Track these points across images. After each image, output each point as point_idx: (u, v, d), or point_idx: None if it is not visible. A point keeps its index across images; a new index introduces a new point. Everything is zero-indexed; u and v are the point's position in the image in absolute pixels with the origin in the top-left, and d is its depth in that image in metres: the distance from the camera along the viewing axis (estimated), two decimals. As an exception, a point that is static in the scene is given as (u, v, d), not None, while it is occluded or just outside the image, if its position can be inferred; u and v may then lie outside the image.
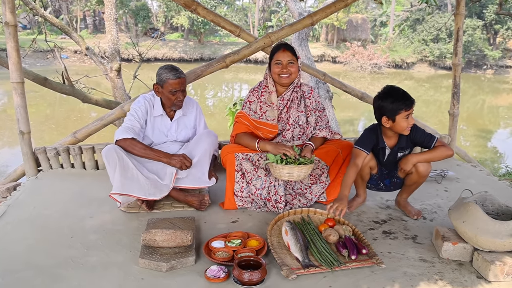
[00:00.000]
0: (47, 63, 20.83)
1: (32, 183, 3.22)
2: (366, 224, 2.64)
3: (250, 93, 2.87)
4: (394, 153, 2.70)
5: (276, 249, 2.22)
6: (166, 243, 2.13)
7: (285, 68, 2.69)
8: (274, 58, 2.71)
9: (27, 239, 2.35)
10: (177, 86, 2.70)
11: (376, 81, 25.04)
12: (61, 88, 5.56)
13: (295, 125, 2.84)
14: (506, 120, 16.42)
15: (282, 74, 2.70)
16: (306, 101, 2.89)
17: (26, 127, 3.27)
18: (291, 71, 2.70)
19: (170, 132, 2.92)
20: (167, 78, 2.68)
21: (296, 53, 2.74)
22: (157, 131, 2.89)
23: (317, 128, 2.91)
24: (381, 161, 2.75)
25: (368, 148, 2.64)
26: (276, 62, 2.70)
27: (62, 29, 6.44)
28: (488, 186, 3.31)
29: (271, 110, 2.79)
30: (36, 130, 11.09)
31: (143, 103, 2.82)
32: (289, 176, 2.53)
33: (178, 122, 2.93)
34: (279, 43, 2.79)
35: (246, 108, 2.84)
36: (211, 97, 19.65)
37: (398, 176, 2.77)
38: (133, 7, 30.25)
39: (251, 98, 2.85)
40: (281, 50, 2.69)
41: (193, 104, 3.02)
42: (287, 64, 2.69)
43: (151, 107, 2.85)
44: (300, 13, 7.21)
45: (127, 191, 2.54)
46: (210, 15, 3.46)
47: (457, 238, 2.24)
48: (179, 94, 2.73)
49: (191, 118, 2.99)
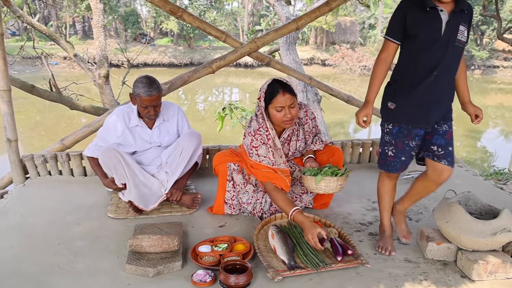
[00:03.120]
0: (36, 69, 20.73)
1: (20, 190, 3.21)
2: (352, 226, 2.67)
3: (251, 138, 2.54)
4: (455, 23, 1.98)
5: (263, 253, 2.24)
6: (153, 248, 2.14)
7: (289, 113, 2.45)
8: (274, 103, 2.44)
9: (14, 247, 2.34)
10: (148, 102, 2.68)
11: (366, 83, 24.65)
12: (48, 95, 5.54)
13: (296, 153, 2.79)
14: (495, 120, 16.60)
15: (286, 121, 2.47)
16: (305, 127, 2.75)
17: (13, 135, 3.26)
18: (293, 115, 2.48)
19: (153, 138, 2.92)
20: (139, 93, 2.67)
21: (293, 91, 2.51)
22: (139, 139, 2.89)
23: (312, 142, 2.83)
24: (434, 50, 2.00)
25: (397, 34, 2.05)
26: (277, 109, 2.45)
27: (50, 37, 6.43)
28: (473, 186, 3.34)
29: (277, 153, 2.58)
30: (26, 137, 11.02)
31: (114, 120, 2.84)
32: (326, 188, 2.46)
33: (160, 129, 2.93)
34: (273, 81, 2.50)
35: (254, 155, 2.52)
36: (201, 102, 19.65)
37: None
38: (122, 12, 30.19)
39: (255, 143, 2.53)
40: (281, 94, 2.42)
41: (173, 109, 2.99)
42: (289, 107, 2.45)
43: (127, 119, 2.85)
44: (287, 17, 7.24)
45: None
46: (196, 22, 3.48)
47: (441, 238, 2.26)
48: (150, 109, 2.73)
49: (173, 124, 2.97)
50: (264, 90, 2.50)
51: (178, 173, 2.80)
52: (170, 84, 3.56)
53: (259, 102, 2.54)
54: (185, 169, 2.86)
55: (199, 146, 2.90)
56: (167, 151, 2.89)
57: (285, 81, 2.51)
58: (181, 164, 2.80)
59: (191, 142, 2.83)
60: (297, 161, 2.86)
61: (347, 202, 3.03)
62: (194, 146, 2.84)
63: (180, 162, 2.81)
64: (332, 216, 2.80)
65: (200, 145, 2.92)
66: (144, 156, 2.92)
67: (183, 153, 2.81)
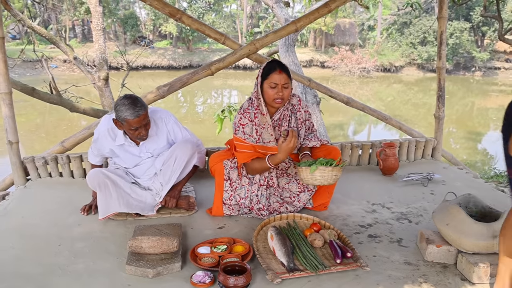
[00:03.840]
0: (37, 72, 20.78)
1: (21, 192, 3.23)
2: (352, 228, 2.67)
3: (240, 116, 2.64)
4: None
5: (262, 254, 2.24)
6: (153, 249, 2.14)
7: (281, 91, 2.53)
8: (269, 79, 2.53)
9: (15, 248, 2.36)
10: (137, 124, 2.50)
11: (365, 85, 25.21)
12: (48, 98, 5.55)
13: None
14: (495, 122, 16.60)
15: (277, 99, 2.55)
16: (297, 115, 2.79)
17: (14, 137, 3.28)
18: (285, 95, 2.56)
19: (143, 152, 2.79)
20: (125, 117, 2.46)
21: (290, 74, 2.60)
22: (128, 155, 2.78)
23: (306, 137, 2.85)
24: None
25: None
26: (271, 85, 2.53)
27: (50, 40, 6.47)
28: (474, 188, 3.33)
29: (266, 132, 2.64)
30: (27, 139, 11.04)
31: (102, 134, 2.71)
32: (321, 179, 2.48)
33: (147, 145, 2.78)
34: (273, 60, 2.61)
35: (240, 132, 2.63)
36: (200, 104, 19.67)
37: None
38: (121, 15, 30.29)
39: (243, 121, 2.62)
40: (277, 72, 2.52)
41: (162, 121, 2.77)
42: (282, 87, 2.53)
43: (113, 136, 2.70)
44: (286, 19, 7.27)
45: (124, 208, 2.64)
46: (195, 24, 3.49)
47: (441, 240, 2.25)
48: (141, 130, 2.55)
49: (162, 137, 2.78)
50: (263, 67, 2.60)
51: (171, 182, 2.74)
52: (169, 86, 3.56)
53: (256, 81, 2.63)
54: (180, 177, 2.80)
55: (193, 155, 2.76)
56: (161, 158, 2.78)
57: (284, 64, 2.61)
58: (174, 173, 2.72)
59: (184, 152, 2.70)
60: (293, 157, 2.86)
61: (346, 204, 3.03)
62: (188, 156, 2.72)
63: (173, 172, 2.72)
64: (331, 218, 2.80)
65: (195, 152, 2.77)
66: (137, 168, 2.84)
67: (176, 163, 2.70)
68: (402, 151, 4.00)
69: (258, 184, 2.75)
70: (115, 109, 2.51)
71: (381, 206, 3.01)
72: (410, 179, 3.51)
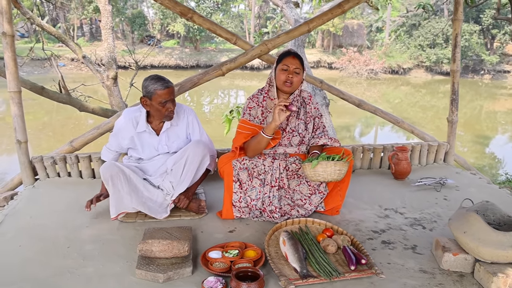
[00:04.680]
0: (45, 71, 20.84)
1: (29, 192, 3.20)
2: (365, 233, 2.62)
3: (249, 100, 2.78)
4: None
5: (274, 260, 2.20)
6: (163, 253, 2.11)
7: (291, 74, 2.59)
8: (282, 62, 2.61)
9: (24, 250, 2.33)
10: (166, 96, 2.55)
11: (373, 87, 25.09)
12: (57, 97, 5.54)
13: (293, 132, 2.78)
14: (504, 126, 16.47)
15: (287, 81, 2.60)
16: (307, 108, 2.83)
17: (23, 136, 3.26)
18: (294, 80, 2.61)
19: (161, 145, 2.79)
20: (155, 89, 2.53)
21: (303, 63, 2.67)
22: (146, 146, 2.78)
23: (316, 135, 2.82)
24: None
25: None
26: (283, 68, 2.60)
27: (59, 38, 6.45)
28: (488, 194, 3.28)
29: (271, 116, 2.68)
30: (34, 138, 11.08)
31: (123, 123, 2.73)
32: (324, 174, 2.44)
33: (168, 134, 2.78)
34: (289, 50, 2.69)
35: (247, 115, 2.74)
36: (207, 104, 19.67)
37: None
38: (129, 14, 30.35)
39: (251, 104, 2.75)
40: (291, 57, 2.61)
41: (184, 112, 2.83)
42: (293, 71, 2.60)
43: (135, 124, 2.72)
44: (296, 19, 7.22)
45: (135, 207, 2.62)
46: (206, 23, 3.45)
47: (457, 248, 2.19)
48: (169, 105, 2.59)
49: (182, 128, 2.82)
50: (279, 52, 2.70)
51: (185, 184, 2.71)
52: (179, 87, 3.52)
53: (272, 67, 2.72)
54: (194, 179, 2.77)
55: (206, 156, 2.72)
56: (173, 158, 2.74)
57: None
58: (187, 174, 2.69)
59: (197, 152, 2.67)
60: (303, 157, 2.82)
61: (359, 209, 2.98)
62: (201, 156, 2.68)
63: (186, 173, 2.69)
64: (343, 223, 2.76)
65: (207, 154, 2.73)
66: (150, 164, 2.81)
67: (188, 163, 2.67)
68: (414, 155, 3.94)
69: (270, 186, 2.72)
70: (144, 86, 2.59)
71: (394, 211, 2.96)
72: (423, 184, 3.46)
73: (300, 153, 2.82)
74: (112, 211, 2.60)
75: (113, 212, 2.60)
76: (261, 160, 2.72)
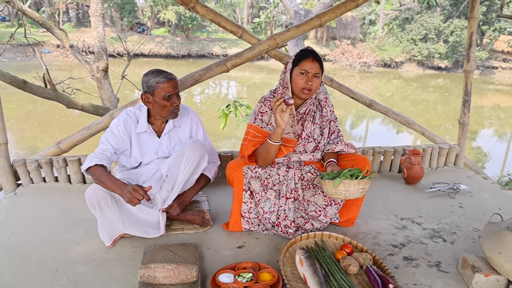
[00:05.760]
0: (28, 58, 20.11)
1: (10, 200, 2.87)
2: (384, 248, 2.41)
3: (261, 104, 2.49)
4: None
5: (291, 282, 1.97)
6: (168, 280, 1.85)
7: (310, 81, 2.33)
8: (300, 65, 2.34)
9: (3, 274, 2.02)
10: (170, 89, 2.31)
11: (365, 79, 25.02)
12: (42, 92, 5.07)
13: (309, 139, 2.53)
14: (489, 120, 16.64)
15: (305, 88, 2.34)
16: (322, 111, 2.58)
17: (2, 137, 2.91)
18: (314, 86, 2.36)
19: (161, 148, 2.54)
20: (157, 82, 2.29)
21: (323, 65, 2.41)
22: (145, 149, 2.52)
23: (331, 141, 2.59)
24: None
25: None
26: (302, 72, 2.33)
27: (43, 25, 5.99)
28: (503, 201, 3.16)
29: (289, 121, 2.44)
30: (18, 129, 10.67)
31: (122, 123, 2.42)
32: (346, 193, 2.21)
33: (170, 136, 2.55)
34: (307, 48, 2.42)
35: (258, 120, 2.45)
36: (198, 94, 19.29)
37: None
38: (118, 0, 29.54)
39: (263, 109, 2.47)
40: (310, 59, 2.33)
41: (188, 113, 2.61)
42: (313, 76, 2.34)
43: (135, 123, 2.46)
44: (296, 11, 6.93)
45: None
46: (210, 14, 3.16)
47: (488, 268, 2.03)
48: (174, 99, 2.36)
49: (185, 130, 2.59)
50: (296, 53, 2.42)
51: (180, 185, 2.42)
52: (180, 83, 3.23)
53: (284, 68, 2.43)
54: (189, 181, 2.50)
55: (204, 157, 2.46)
56: (167, 162, 2.49)
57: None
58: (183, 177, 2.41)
59: (193, 151, 2.40)
60: (318, 166, 2.58)
61: (374, 219, 2.78)
62: (198, 156, 2.42)
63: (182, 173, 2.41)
64: (360, 235, 2.55)
65: (205, 155, 2.47)
66: (146, 168, 2.54)
67: (185, 164, 2.39)
68: (424, 158, 3.75)
69: (285, 197, 2.47)
70: (144, 81, 2.35)
71: (411, 222, 2.78)
72: (436, 190, 3.30)
73: (315, 160, 2.58)
74: (106, 239, 2.28)
75: (107, 240, 2.28)
76: (275, 169, 2.47)
